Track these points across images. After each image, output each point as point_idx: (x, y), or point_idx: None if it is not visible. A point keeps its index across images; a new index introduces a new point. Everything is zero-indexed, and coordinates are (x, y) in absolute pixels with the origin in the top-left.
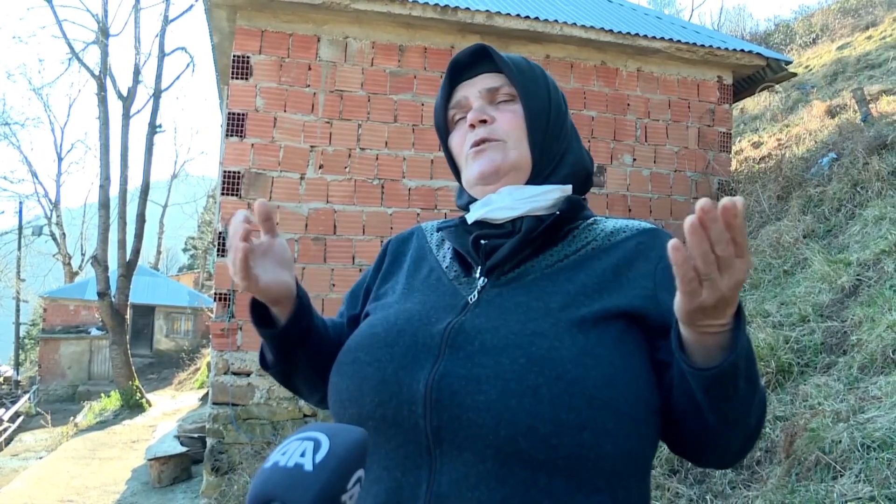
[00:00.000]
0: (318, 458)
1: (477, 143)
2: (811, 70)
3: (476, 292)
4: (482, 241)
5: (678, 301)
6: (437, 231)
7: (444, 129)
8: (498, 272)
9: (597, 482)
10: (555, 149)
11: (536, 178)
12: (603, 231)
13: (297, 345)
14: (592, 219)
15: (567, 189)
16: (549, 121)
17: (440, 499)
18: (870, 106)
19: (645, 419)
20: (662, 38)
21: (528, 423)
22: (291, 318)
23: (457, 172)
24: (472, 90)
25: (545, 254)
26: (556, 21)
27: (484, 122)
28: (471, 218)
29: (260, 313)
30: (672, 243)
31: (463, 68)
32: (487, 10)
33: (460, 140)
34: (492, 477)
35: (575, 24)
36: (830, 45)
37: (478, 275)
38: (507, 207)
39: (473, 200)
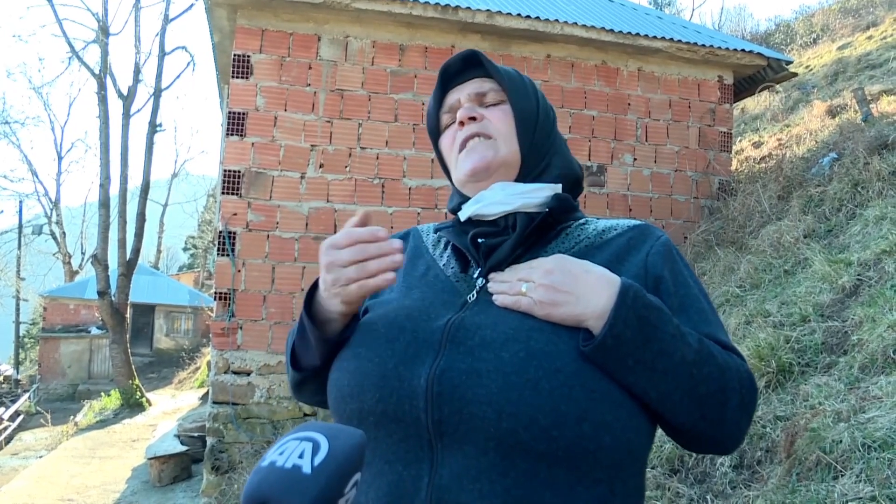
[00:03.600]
0: (318, 460)
1: (467, 140)
2: (812, 70)
3: (475, 291)
4: (480, 240)
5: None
6: (435, 232)
7: (435, 132)
8: (495, 270)
9: (596, 473)
10: (544, 148)
11: (526, 176)
12: (595, 230)
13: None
14: (584, 219)
15: (557, 188)
16: (537, 122)
17: (442, 491)
18: (870, 106)
19: (640, 411)
20: (663, 38)
21: (529, 415)
22: (354, 321)
23: (448, 174)
24: (463, 94)
25: (540, 251)
26: (556, 20)
27: (473, 119)
28: (464, 215)
29: (313, 316)
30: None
31: (454, 74)
32: (488, 10)
33: (450, 140)
34: (493, 469)
35: (576, 23)
36: (831, 45)
37: (476, 274)
38: (500, 202)
39: (464, 202)
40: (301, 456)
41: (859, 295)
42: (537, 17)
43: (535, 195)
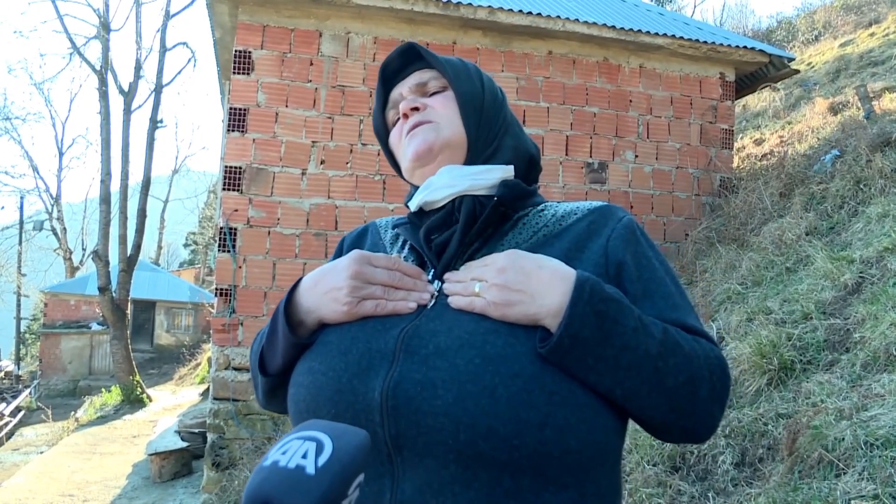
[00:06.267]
0: (321, 461)
1: (411, 129)
2: (814, 67)
3: (433, 298)
4: (432, 237)
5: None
6: (393, 228)
7: (383, 132)
8: (451, 270)
9: (563, 478)
10: (492, 130)
11: (475, 159)
12: (554, 216)
13: None
14: (542, 205)
15: (509, 170)
16: (483, 104)
17: None
18: (873, 103)
19: (607, 409)
20: (665, 35)
21: (487, 424)
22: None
23: (399, 172)
24: (405, 87)
25: (497, 244)
26: (558, 17)
27: (416, 109)
28: (413, 204)
29: (290, 321)
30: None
31: (394, 71)
32: (490, 6)
33: (398, 135)
34: (455, 482)
35: (577, 20)
36: (833, 42)
37: (430, 276)
38: (446, 185)
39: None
40: (304, 456)
41: (861, 292)
42: (539, 14)
43: (485, 176)
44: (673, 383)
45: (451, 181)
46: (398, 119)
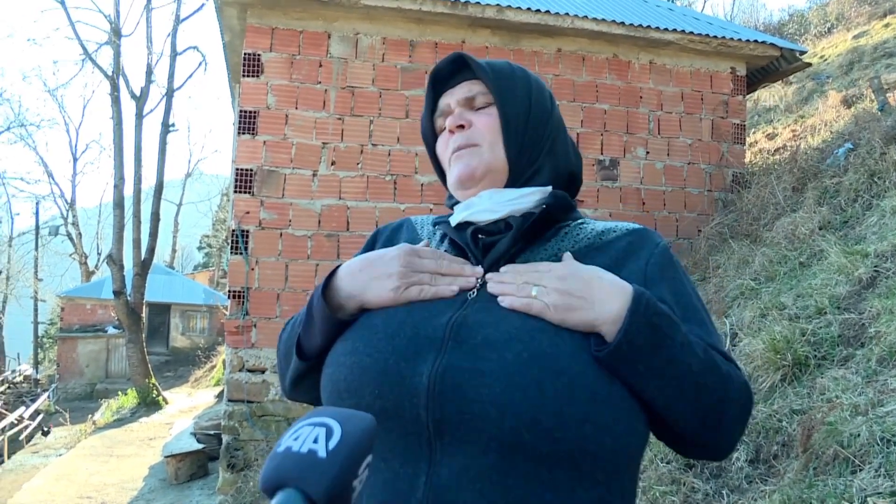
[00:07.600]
0: (332, 444)
1: (457, 150)
2: (826, 60)
3: (475, 288)
4: (480, 236)
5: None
6: (434, 225)
7: (430, 137)
8: (493, 268)
9: (596, 475)
10: (534, 152)
11: (516, 181)
12: (594, 230)
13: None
14: (582, 219)
15: (546, 191)
16: (527, 124)
17: (440, 490)
18: (887, 95)
19: (639, 413)
20: (675, 30)
21: (532, 415)
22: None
23: (444, 177)
24: (453, 99)
25: (539, 250)
26: (567, 14)
27: (461, 126)
28: (454, 220)
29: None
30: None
31: (445, 77)
32: (498, 4)
33: (444, 146)
34: (493, 469)
35: (586, 17)
36: (846, 33)
37: None
38: (488, 210)
39: (458, 202)
40: (315, 441)
41: (876, 286)
42: (547, 11)
43: (524, 200)
44: (708, 400)
45: (492, 206)
46: (444, 128)
